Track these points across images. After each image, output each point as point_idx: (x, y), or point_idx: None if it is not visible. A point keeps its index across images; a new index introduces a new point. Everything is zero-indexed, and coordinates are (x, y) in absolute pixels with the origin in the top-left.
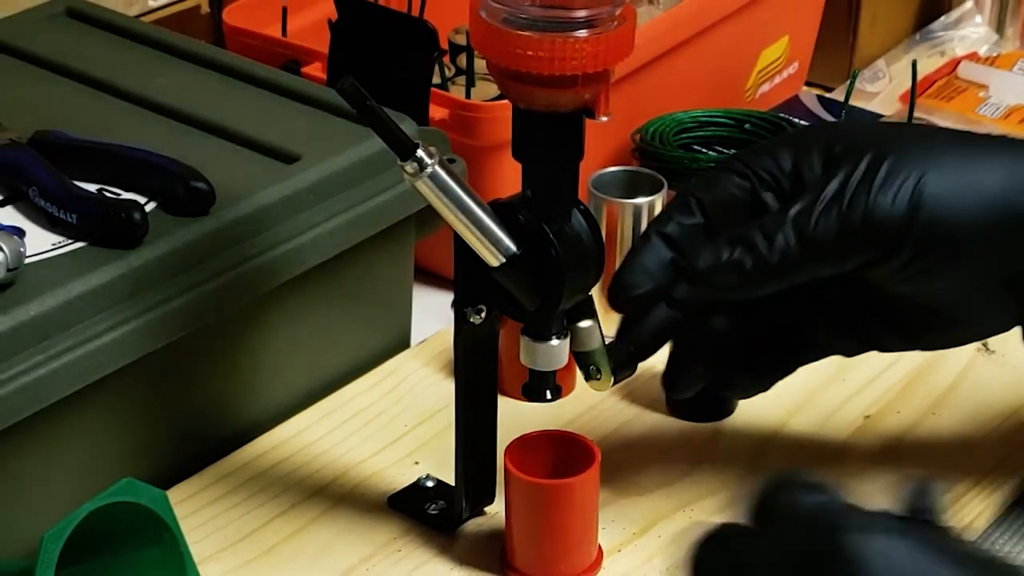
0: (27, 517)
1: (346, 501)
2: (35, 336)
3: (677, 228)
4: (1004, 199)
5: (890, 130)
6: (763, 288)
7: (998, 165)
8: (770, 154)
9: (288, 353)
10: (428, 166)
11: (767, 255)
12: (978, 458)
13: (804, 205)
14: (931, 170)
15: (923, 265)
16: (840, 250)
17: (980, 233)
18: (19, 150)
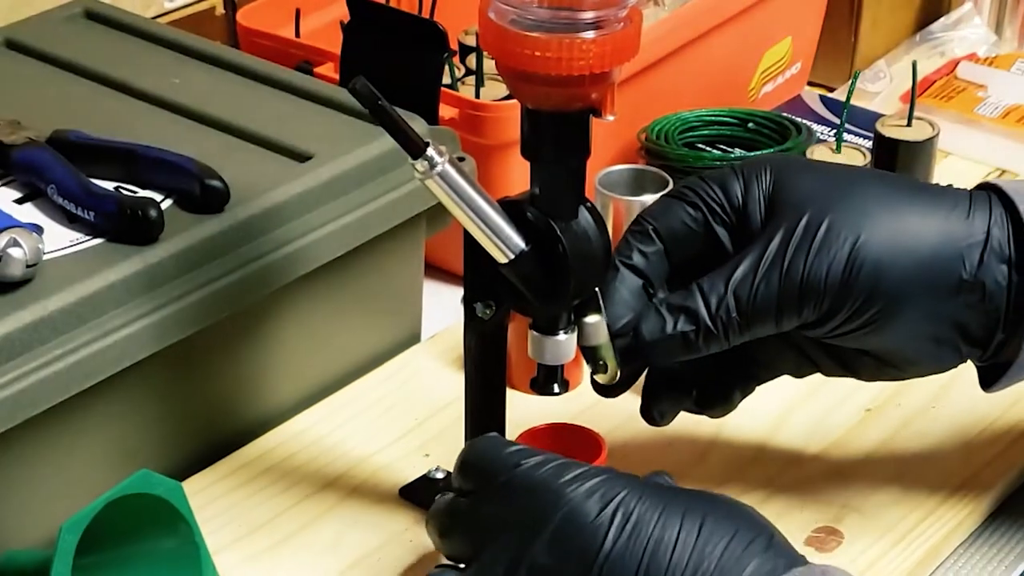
0: (45, 508)
1: (358, 492)
2: (53, 331)
3: (641, 258)
4: (939, 262)
5: (834, 178)
6: (706, 351)
7: (935, 223)
8: (720, 185)
9: (301, 347)
10: (438, 164)
11: (709, 324)
12: (976, 450)
13: (744, 272)
14: (866, 231)
15: (858, 324)
16: (779, 315)
17: (915, 296)
18: (38, 149)
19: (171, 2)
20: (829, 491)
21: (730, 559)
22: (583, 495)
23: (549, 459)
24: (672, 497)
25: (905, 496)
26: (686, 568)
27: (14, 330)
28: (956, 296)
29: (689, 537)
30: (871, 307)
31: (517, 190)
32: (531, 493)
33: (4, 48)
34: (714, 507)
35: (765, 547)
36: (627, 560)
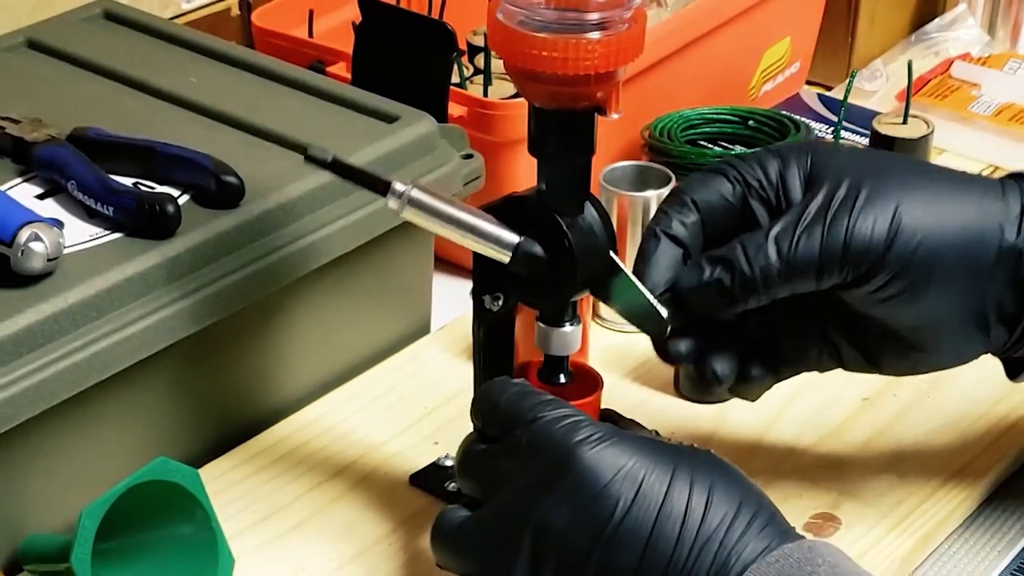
0: (66, 494)
1: (369, 479)
2: (73, 322)
3: (680, 227)
4: (978, 234)
5: (869, 157)
6: (743, 305)
7: (971, 200)
8: (758, 163)
9: (314, 338)
10: (406, 192)
11: (748, 273)
12: (970, 439)
13: (785, 225)
14: (907, 199)
15: (896, 290)
16: (819, 270)
17: (953, 264)
18: (58, 146)
19: (188, 3)
20: (827, 479)
21: (733, 536)
22: (594, 459)
23: (564, 416)
24: (680, 463)
25: (901, 483)
26: (693, 543)
27: (35, 322)
28: (993, 267)
29: (696, 509)
30: (911, 272)
31: (524, 186)
32: (543, 451)
33: (26, 48)
34: (719, 475)
35: (765, 523)
36: (634, 530)
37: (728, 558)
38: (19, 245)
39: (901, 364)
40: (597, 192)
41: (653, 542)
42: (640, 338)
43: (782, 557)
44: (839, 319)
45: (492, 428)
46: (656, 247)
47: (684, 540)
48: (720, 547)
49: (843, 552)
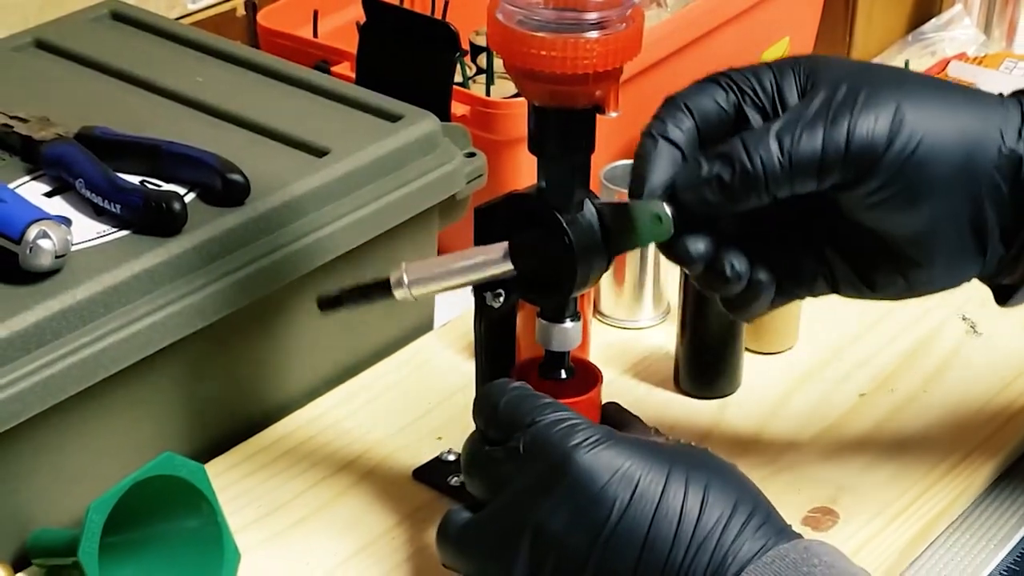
0: (73, 489)
1: (373, 474)
2: (81, 319)
3: (677, 131)
4: (976, 139)
5: (867, 65)
6: (743, 203)
7: (971, 106)
8: (753, 72)
9: (318, 335)
10: (405, 277)
11: (749, 168)
12: (966, 434)
13: (787, 121)
14: (907, 101)
15: (894, 191)
16: (820, 167)
17: (951, 169)
18: (66, 144)
19: (194, 3)
20: (825, 473)
21: (729, 536)
22: (590, 461)
23: (561, 419)
24: (675, 463)
25: (898, 477)
26: (689, 543)
27: (43, 318)
28: (992, 174)
29: (692, 509)
30: (909, 171)
31: (525, 184)
32: (541, 454)
33: (34, 48)
34: (714, 475)
35: (761, 522)
36: (631, 532)
37: (725, 558)
38: (27, 242)
39: (896, 283)
40: (598, 190)
41: (650, 543)
42: (641, 334)
43: (778, 557)
44: (834, 235)
45: (493, 430)
46: (654, 149)
47: (680, 540)
48: (717, 547)
49: (839, 551)
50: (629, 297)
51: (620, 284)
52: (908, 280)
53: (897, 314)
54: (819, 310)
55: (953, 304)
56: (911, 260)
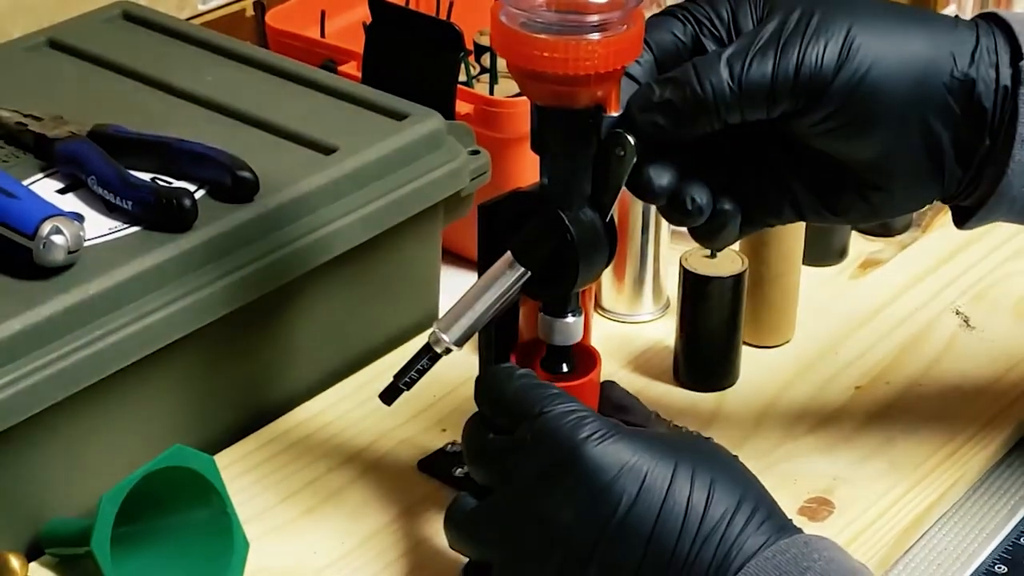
0: (86, 480)
1: (379, 465)
2: (93, 313)
3: (636, 66)
4: (927, 63)
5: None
6: (694, 127)
7: (922, 30)
8: (709, 2)
9: (325, 329)
10: (444, 341)
11: (700, 93)
12: (959, 426)
13: (738, 48)
14: (858, 26)
15: (845, 119)
16: (770, 95)
17: (902, 94)
18: (79, 142)
19: (204, 4)
20: (821, 464)
21: (734, 531)
22: (599, 454)
23: (570, 411)
24: (681, 458)
25: (892, 469)
26: (695, 537)
27: (57, 312)
28: (945, 97)
29: (698, 504)
30: (862, 100)
31: (528, 181)
32: (550, 446)
33: (47, 48)
34: (720, 469)
35: (764, 517)
36: (638, 526)
37: (729, 552)
38: (41, 238)
39: (860, 208)
40: None
41: (656, 537)
42: (641, 328)
43: (779, 552)
44: (796, 163)
45: (499, 416)
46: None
47: (686, 535)
48: (721, 542)
49: (839, 546)
50: (629, 292)
51: (620, 279)
52: (870, 204)
53: (892, 309)
54: (815, 305)
55: (946, 299)
56: (870, 183)
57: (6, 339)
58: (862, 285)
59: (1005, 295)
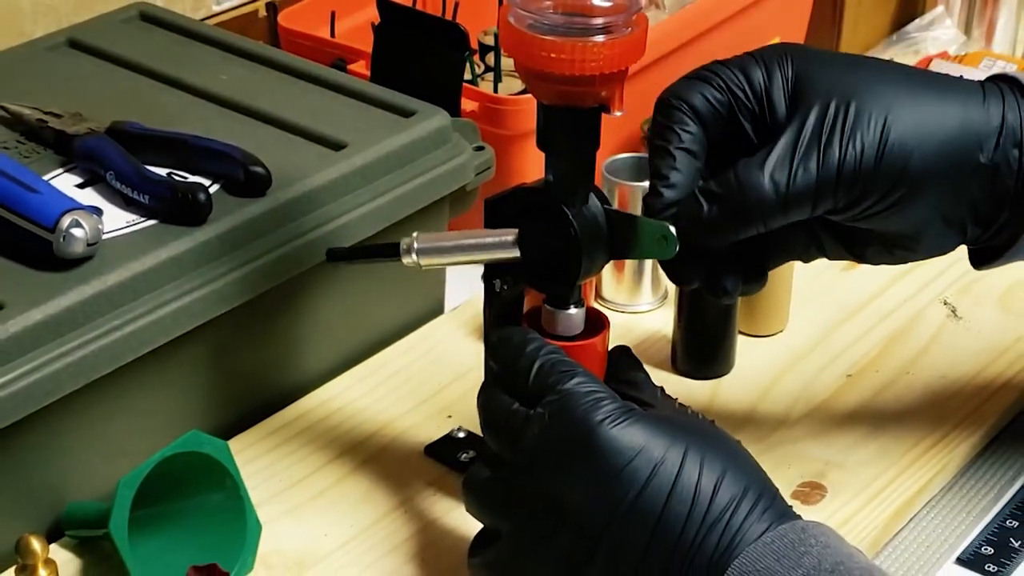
0: (105, 465)
1: (387, 451)
2: (111, 303)
3: (691, 138)
4: (960, 146)
5: (853, 66)
6: (740, 236)
7: (954, 110)
8: (742, 71)
9: (335, 319)
10: (414, 246)
11: (747, 211)
12: (947, 413)
13: (780, 156)
14: (892, 114)
15: (884, 207)
16: (815, 200)
17: (938, 178)
18: (98, 138)
19: (218, 5)
20: (813, 449)
21: (738, 518)
22: (614, 438)
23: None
24: (691, 444)
25: (883, 454)
26: (701, 523)
27: (76, 303)
28: (973, 179)
29: (705, 491)
30: (899, 189)
31: (532, 176)
32: (567, 426)
33: (67, 47)
34: (729, 457)
35: (768, 505)
36: (647, 510)
37: (733, 538)
38: (61, 231)
39: (883, 257)
40: (599, 182)
41: (664, 521)
42: (640, 318)
43: (777, 538)
44: (826, 223)
45: (519, 385)
46: (673, 165)
47: (693, 520)
48: (727, 528)
49: (834, 531)
50: (629, 283)
51: (620, 271)
52: (894, 255)
53: (882, 300)
54: (809, 296)
55: (935, 290)
56: (898, 246)
57: (28, 328)
58: (853, 277)
59: (991, 287)
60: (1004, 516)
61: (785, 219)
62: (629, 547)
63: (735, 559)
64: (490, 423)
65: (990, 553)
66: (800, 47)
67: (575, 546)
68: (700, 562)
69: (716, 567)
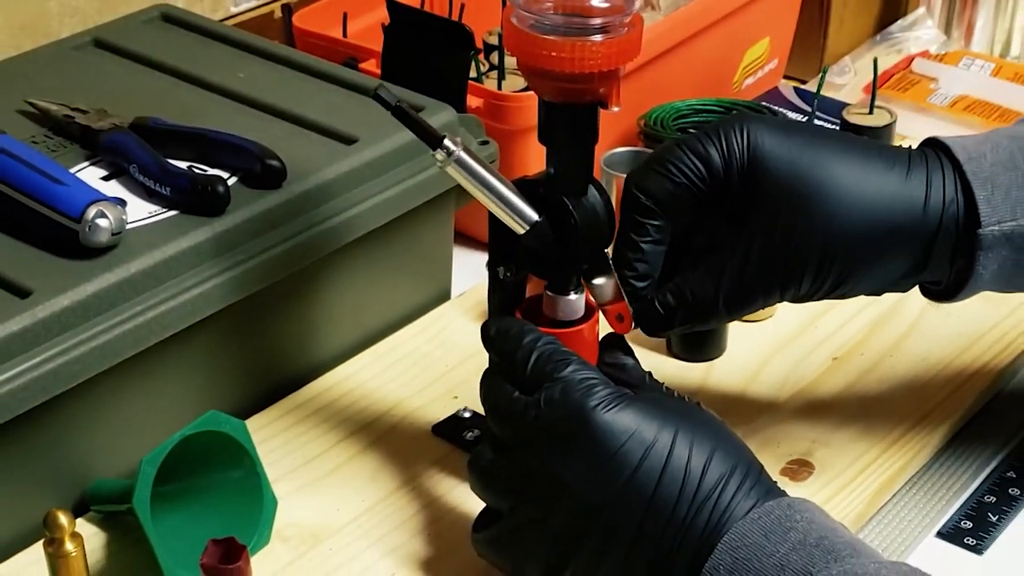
0: (129, 443)
1: (396, 430)
2: (135, 290)
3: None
4: (900, 225)
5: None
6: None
7: (891, 187)
8: (698, 156)
9: (347, 304)
10: (454, 152)
11: (697, 317)
12: (928, 394)
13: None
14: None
15: (828, 292)
16: (764, 301)
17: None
18: (122, 133)
19: (236, 6)
20: (801, 429)
21: (727, 496)
22: (607, 422)
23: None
24: (682, 426)
25: (867, 433)
26: (691, 503)
27: (101, 289)
28: (917, 246)
29: (695, 471)
30: (844, 279)
31: (533, 169)
32: (563, 411)
33: (92, 47)
34: (717, 439)
35: (754, 483)
36: (640, 490)
37: (722, 516)
38: (87, 221)
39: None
40: (598, 175)
41: (655, 501)
42: None
43: (764, 514)
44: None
45: (519, 374)
46: (640, 257)
47: (684, 500)
48: (715, 507)
49: (819, 507)
50: None
51: None
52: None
53: None
54: None
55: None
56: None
57: (55, 314)
58: None
59: None
60: (982, 492)
61: (736, 318)
62: (623, 526)
63: (724, 536)
64: (492, 409)
65: (969, 527)
66: (758, 120)
67: (571, 525)
68: (691, 539)
69: (706, 543)
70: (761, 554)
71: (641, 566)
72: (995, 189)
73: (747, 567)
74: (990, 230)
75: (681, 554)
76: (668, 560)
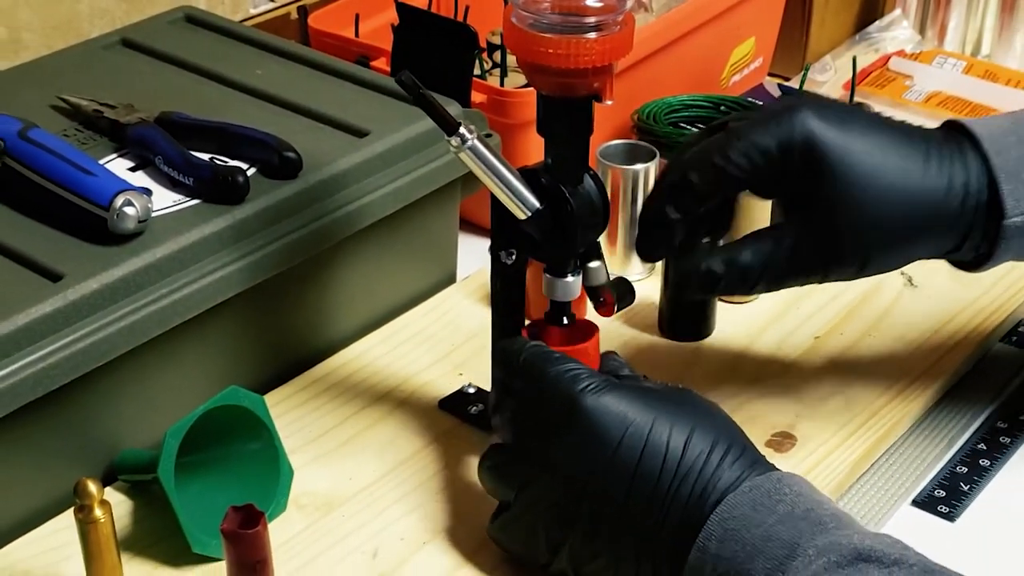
0: (154, 417)
1: (404, 404)
2: (160, 274)
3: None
4: (931, 219)
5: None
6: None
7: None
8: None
9: (358, 287)
10: (469, 140)
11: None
12: (904, 370)
13: (772, 257)
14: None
15: (853, 275)
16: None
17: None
18: (148, 127)
19: (255, 8)
20: (785, 403)
21: (709, 468)
22: (592, 404)
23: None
24: (662, 407)
25: (847, 407)
26: (674, 475)
27: (129, 273)
28: (948, 236)
29: (676, 446)
30: (873, 264)
31: (534, 161)
32: (552, 398)
33: (120, 46)
34: (699, 416)
35: (737, 456)
36: (624, 465)
37: (705, 488)
38: (115, 209)
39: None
40: (594, 166)
41: (639, 475)
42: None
43: (754, 487)
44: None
45: (514, 380)
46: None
47: (666, 473)
48: (698, 479)
49: (806, 480)
50: (620, 255)
51: (613, 244)
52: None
53: None
54: None
55: None
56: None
57: (85, 297)
58: None
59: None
60: (955, 463)
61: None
62: (610, 500)
63: (712, 507)
64: (497, 414)
65: (942, 496)
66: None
67: (565, 503)
68: (676, 510)
69: (692, 515)
70: (750, 524)
71: (630, 539)
72: (1019, 184)
73: (735, 537)
74: (1013, 220)
75: (667, 525)
76: (656, 532)
